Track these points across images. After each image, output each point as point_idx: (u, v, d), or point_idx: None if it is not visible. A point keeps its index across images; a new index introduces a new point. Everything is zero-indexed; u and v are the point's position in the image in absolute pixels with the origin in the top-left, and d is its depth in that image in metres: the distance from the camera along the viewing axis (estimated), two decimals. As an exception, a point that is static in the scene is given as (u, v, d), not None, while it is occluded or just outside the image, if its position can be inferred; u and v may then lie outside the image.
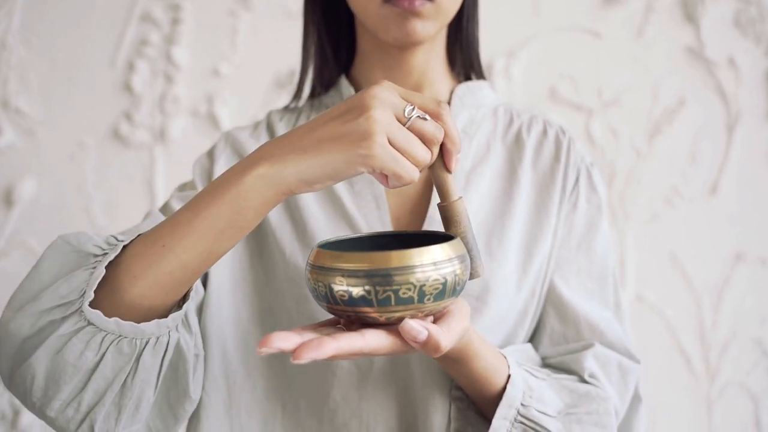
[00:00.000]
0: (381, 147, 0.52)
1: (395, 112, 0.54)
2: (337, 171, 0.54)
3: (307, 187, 0.55)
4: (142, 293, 0.57)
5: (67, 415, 0.59)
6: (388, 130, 0.53)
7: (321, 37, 0.83)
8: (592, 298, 0.77)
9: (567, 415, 0.68)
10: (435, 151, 0.56)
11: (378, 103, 0.53)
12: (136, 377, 0.59)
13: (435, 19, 0.73)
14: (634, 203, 1.36)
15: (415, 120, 0.55)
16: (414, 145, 0.54)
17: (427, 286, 0.52)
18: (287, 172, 0.54)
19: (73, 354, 0.56)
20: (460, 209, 0.59)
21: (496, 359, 0.66)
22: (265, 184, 0.54)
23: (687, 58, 1.36)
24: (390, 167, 0.53)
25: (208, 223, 0.55)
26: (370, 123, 0.52)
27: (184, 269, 0.57)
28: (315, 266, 0.55)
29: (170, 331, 0.60)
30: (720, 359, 1.35)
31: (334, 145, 0.53)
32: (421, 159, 0.55)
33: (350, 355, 0.52)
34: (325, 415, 0.72)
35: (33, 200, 1.32)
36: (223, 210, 0.55)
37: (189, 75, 1.35)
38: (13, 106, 1.32)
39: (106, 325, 0.56)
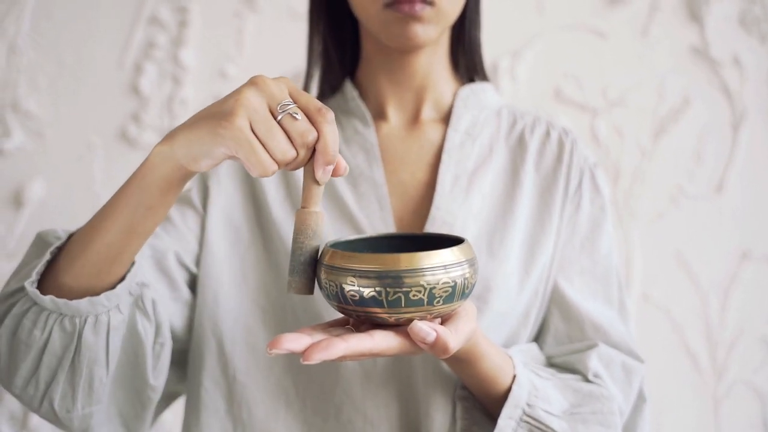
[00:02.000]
0: (238, 129, 0.52)
1: (270, 102, 0.53)
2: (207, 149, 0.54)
3: (195, 163, 0.55)
4: (77, 274, 0.60)
5: (29, 392, 0.63)
6: (252, 116, 0.52)
7: (326, 41, 0.83)
8: (596, 298, 0.78)
9: (572, 414, 0.68)
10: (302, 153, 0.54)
11: (253, 89, 0.53)
12: (81, 355, 0.62)
13: (436, 22, 0.73)
14: (640, 202, 1.36)
15: (286, 116, 0.53)
16: (276, 138, 0.53)
17: (437, 288, 0.53)
18: (176, 147, 0.55)
19: (24, 332, 0.61)
20: (308, 221, 0.57)
21: (502, 360, 0.66)
22: (162, 159, 0.56)
23: (692, 58, 1.36)
24: (244, 152, 0.52)
25: (124, 203, 0.58)
26: (235, 105, 0.52)
27: (109, 248, 0.60)
28: (327, 265, 0.55)
29: (110, 311, 0.62)
30: (727, 357, 1.35)
31: (205, 121, 0.54)
32: (280, 155, 0.53)
33: (359, 355, 0.53)
34: (330, 412, 0.73)
35: (42, 201, 1.33)
36: (133, 188, 0.58)
37: (196, 77, 1.36)
38: (22, 108, 1.33)
39: (44, 302, 0.59)
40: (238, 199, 0.79)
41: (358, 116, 0.81)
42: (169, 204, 0.60)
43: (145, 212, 0.58)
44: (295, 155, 0.54)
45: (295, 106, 0.54)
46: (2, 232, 1.33)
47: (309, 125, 0.54)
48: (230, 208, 0.79)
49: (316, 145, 0.55)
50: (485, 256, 0.74)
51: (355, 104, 0.81)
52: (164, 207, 0.59)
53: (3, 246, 1.33)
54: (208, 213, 0.78)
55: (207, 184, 0.80)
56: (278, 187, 0.79)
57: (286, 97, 0.54)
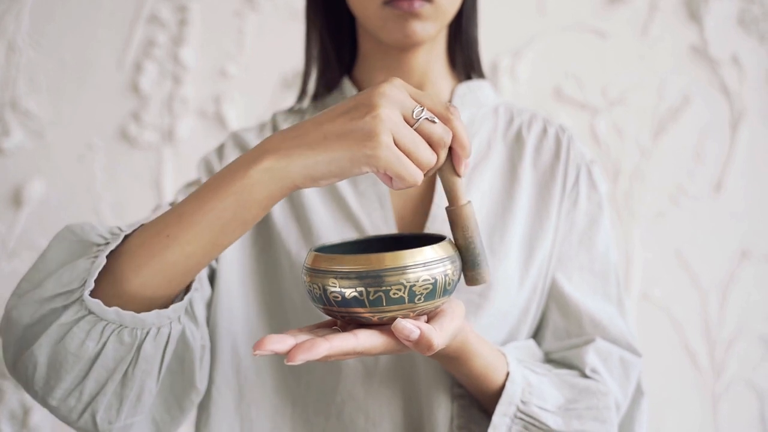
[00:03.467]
0: (386, 147, 0.51)
1: (403, 111, 0.53)
2: (341, 169, 0.53)
3: (312, 182, 0.54)
4: (145, 283, 0.57)
5: (69, 404, 0.60)
6: (394, 131, 0.52)
7: (323, 39, 0.83)
8: (594, 293, 0.78)
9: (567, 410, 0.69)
10: (442, 154, 0.55)
11: (386, 102, 0.52)
12: (137, 368, 0.59)
13: (434, 20, 0.73)
14: (640, 201, 1.36)
15: (423, 122, 0.54)
16: (420, 147, 0.53)
17: (417, 286, 0.53)
18: (293, 167, 0.53)
19: (74, 343, 0.57)
20: (467, 213, 0.58)
21: (494, 357, 0.66)
22: (271, 178, 0.54)
23: (691, 57, 1.36)
24: (394, 168, 0.52)
25: (213, 215, 0.55)
26: (376, 122, 0.51)
27: (188, 260, 0.57)
28: (310, 269, 0.56)
29: (172, 322, 0.60)
30: (726, 355, 1.36)
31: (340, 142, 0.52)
32: (426, 162, 0.54)
33: (343, 355, 0.53)
34: (332, 411, 0.73)
35: (42, 201, 1.33)
36: (228, 202, 0.55)
37: (196, 76, 1.36)
38: (22, 107, 1.33)
39: (107, 314, 0.56)
40: None
41: None
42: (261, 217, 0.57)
43: (237, 227, 0.56)
44: (437, 159, 0.55)
45: (428, 111, 0.54)
46: (2, 232, 1.33)
47: (445, 127, 0.54)
48: None
49: (453, 143, 0.55)
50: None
51: None
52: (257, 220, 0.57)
53: (2, 245, 1.32)
54: None
55: None
56: None
57: (415, 104, 0.54)
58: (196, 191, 0.57)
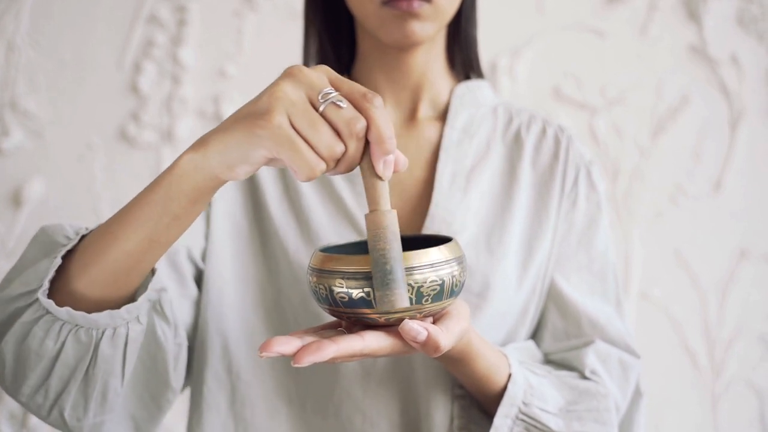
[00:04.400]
0: (277, 127, 0.47)
1: (309, 93, 0.49)
2: (245, 153, 0.49)
3: (230, 172, 0.51)
4: (92, 282, 0.57)
5: (37, 401, 0.60)
6: (291, 110, 0.48)
7: (321, 38, 0.83)
8: (593, 294, 0.78)
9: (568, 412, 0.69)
10: (351, 145, 0.50)
11: (288, 81, 0.49)
12: (97, 367, 0.59)
13: (433, 20, 0.73)
14: (639, 201, 1.36)
15: (329, 105, 0.49)
16: (320, 131, 0.48)
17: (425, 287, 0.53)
18: (210, 155, 0.51)
19: (35, 342, 0.57)
20: (384, 223, 0.51)
21: (497, 358, 0.66)
22: (194, 168, 0.51)
23: (690, 56, 1.36)
24: (286, 152, 0.48)
25: (148, 210, 0.54)
26: (271, 99, 0.48)
27: (129, 257, 0.55)
28: (316, 269, 0.55)
29: (129, 323, 0.59)
30: (725, 355, 1.36)
31: (240, 123, 0.49)
32: (327, 150, 0.49)
33: (350, 357, 0.52)
34: (330, 410, 0.73)
35: (42, 201, 1.33)
36: (159, 196, 0.53)
37: (195, 76, 1.36)
38: (21, 107, 1.33)
39: (59, 314, 0.56)
40: (239, 193, 0.79)
41: None
42: (197, 213, 0.55)
43: (170, 222, 0.54)
44: (344, 149, 0.50)
45: (338, 94, 0.49)
46: (2, 232, 1.33)
47: (355, 112, 0.49)
48: (232, 203, 0.78)
49: (369, 135, 0.50)
50: (484, 253, 0.74)
51: None
52: (192, 217, 0.55)
53: (2, 245, 1.33)
54: (213, 207, 0.77)
55: None
56: (275, 184, 0.78)
57: (327, 85, 0.50)
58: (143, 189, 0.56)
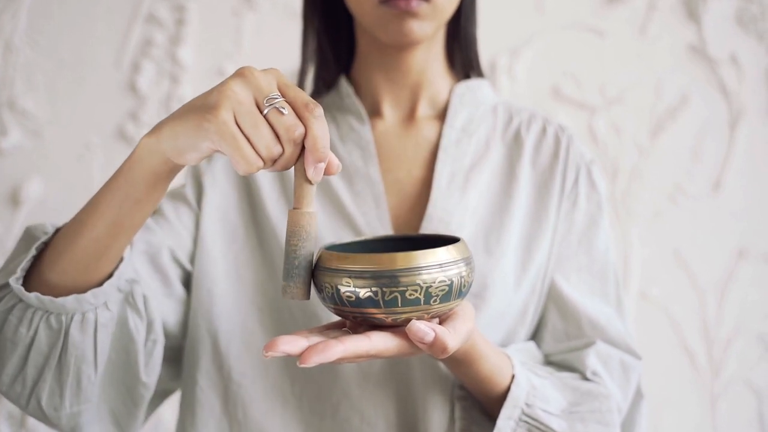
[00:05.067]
0: (222, 123, 0.50)
1: (256, 94, 0.52)
2: (192, 142, 0.52)
3: (181, 156, 0.54)
4: (64, 270, 0.59)
5: (16, 390, 0.63)
6: (237, 109, 0.51)
7: (320, 37, 0.83)
8: (593, 294, 0.78)
9: (570, 413, 0.68)
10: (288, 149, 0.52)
11: (239, 81, 0.52)
12: (68, 354, 0.61)
13: (432, 19, 0.73)
14: (638, 201, 1.36)
15: (271, 110, 0.52)
16: (261, 133, 0.51)
17: (434, 287, 0.53)
18: (162, 140, 0.54)
19: (10, 330, 0.60)
20: (302, 222, 0.54)
21: (500, 360, 0.66)
22: (149, 152, 0.55)
23: (689, 56, 1.36)
24: (228, 146, 0.51)
25: (110, 197, 0.58)
26: (220, 96, 0.51)
27: (97, 243, 0.59)
28: (323, 268, 0.55)
29: (97, 309, 0.61)
30: (724, 355, 1.36)
31: (191, 114, 0.52)
32: (265, 151, 0.52)
33: (357, 357, 0.52)
34: (327, 411, 0.73)
35: (40, 200, 1.33)
36: (120, 182, 0.57)
37: (194, 75, 1.36)
38: (19, 107, 1.33)
39: (30, 300, 0.59)
40: (233, 196, 0.79)
41: (354, 113, 0.80)
42: (158, 198, 0.59)
43: (132, 206, 0.58)
44: (281, 151, 0.52)
45: (283, 100, 0.52)
46: (0, 232, 1.32)
47: (296, 120, 0.52)
48: (225, 206, 0.78)
49: (305, 142, 0.52)
50: (482, 253, 0.74)
51: (350, 101, 0.80)
52: (152, 201, 0.58)
53: (1, 245, 1.32)
54: (203, 210, 0.78)
55: (201, 181, 0.79)
56: (273, 184, 0.79)
57: (274, 90, 0.52)
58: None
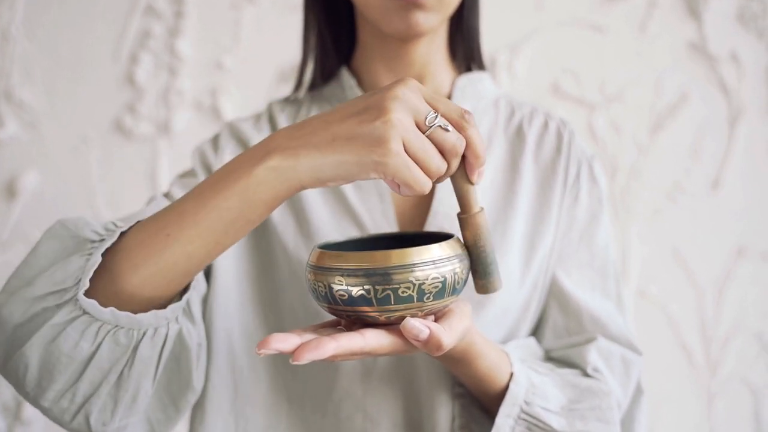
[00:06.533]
0: (395, 155, 0.49)
1: (416, 116, 0.51)
2: (349, 173, 0.51)
3: (319, 183, 0.52)
4: (143, 282, 0.55)
5: (62, 405, 0.58)
6: (405, 137, 0.50)
7: (321, 27, 0.81)
8: (594, 290, 0.77)
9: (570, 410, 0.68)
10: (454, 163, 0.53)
11: (398, 106, 0.50)
12: (133, 369, 0.58)
13: (437, 10, 0.72)
14: (637, 198, 1.36)
15: (436, 129, 0.51)
16: (431, 155, 0.51)
17: (427, 284, 0.52)
18: (300, 167, 0.51)
19: (68, 344, 0.54)
20: (480, 222, 0.56)
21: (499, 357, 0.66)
22: (277, 177, 0.52)
23: (689, 54, 1.36)
24: (402, 176, 0.50)
25: (217, 214, 0.53)
26: (387, 128, 0.49)
27: (189, 260, 0.55)
28: (315, 266, 0.54)
29: (169, 323, 0.58)
30: (721, 353, 1.36)
31: (349, 146, 0.50)
32: (436, 171, 0.52)
33: (350, 355, 0.52)
34: (329, 409, 0.72)
35: (36, 192, 1.32)
36: (232, 201, 0.53)
37: (193, 68, 1.35)
38: (16, 98, 1.32)
39: (102, 315, 0.54)
40: None
41: None
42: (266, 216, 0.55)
43: (243, 226, 0.54)
44: (447, 167, 0.53)
45: (442, 118, 0.52)
46: (-4, 223, 1.32)
47: (459, 135, 0.52)
48: None
49: (466, 151, 0.53)
50: None
51: (352, 93, 0.79)
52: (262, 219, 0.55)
53: (-4, 237, 1.32)
54: None
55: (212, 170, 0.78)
56: None
57: (429, 109, 0.52)
58: (198, 188, 0.55)
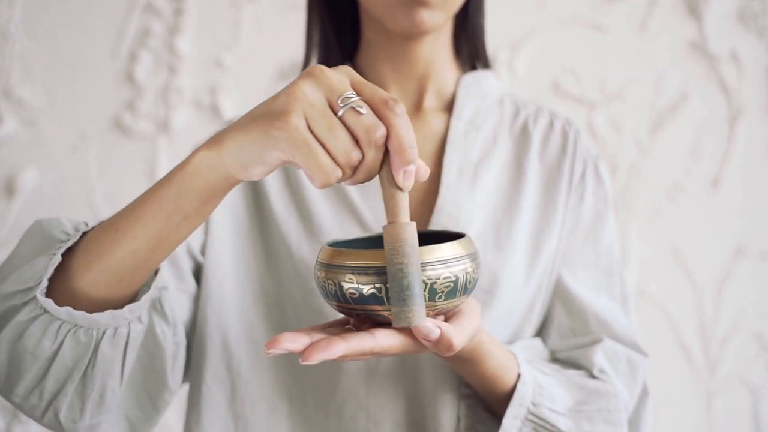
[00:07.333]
0: (294, 129, 0.46)
1: (328, 95, 0.47)
2: (259, 154, 0.48)
3: (245, 172, 0.50)
4: (95, 281, 0.55)
5: (31, 402, 0.58)
6: (309, 113, 0.46)
7: (324, 24, 0.81)
8: (599, 290, 0.77)
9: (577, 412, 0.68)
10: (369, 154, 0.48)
11: (310, 80, 0.47)
12: (96, 368, 0.57)
13: (442, 8, 0.71)
14: (637, 197, 1.36)
15: (348, 110, 0.47)
16: (338, 137, 0.46)
17: (439, 283, 0.51)
18: (224, 153, 0.49)
19: (31, 342, 0.55)
20: (400, 235, 0.49)
21: (506, 358, 0.65)
22: (207, 166, 0.50)
23: (690, 53, 1.36)
24: (301, 155, 0.46)
25: (157, 207, 0.52)
26: (289, 99, 0.46)
27: (135, 256, 0.54)
28: (324, 264, 0.53)
29: (130, 323, 0.57)
30: (720, 352, 1.36)
31: (257, 122, 0.48)
32: (343, 157, 0.47)
33: (360, 355, 0.51)
34: (332, 409, 0.72)
35: (35, 190, 1.32)
36: (169, 193, 0.52)
37: (192, 66, 1.35)
38: (15, 96, 1.32)
39: (59, 313, 0.54)
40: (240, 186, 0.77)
41: None
42: (208, 213, 0.54)
43: (181, 221, 0.53)
44: (361, 156, 0.48)
45: (359, 99, 0.47)
46: (-6, 221, 1.32)
47: (375, 120, 0.47)
48: (233, 196, 0.76)
49: (389, 144, 0.48)
50: (492, 249, 0.73)
51: None
52: (203, 215, 0.53)
53: (-5, 235, 1.32)
54: None
55: None
56: (277, 173, 0.76)
57: (349, 89, 0.48)
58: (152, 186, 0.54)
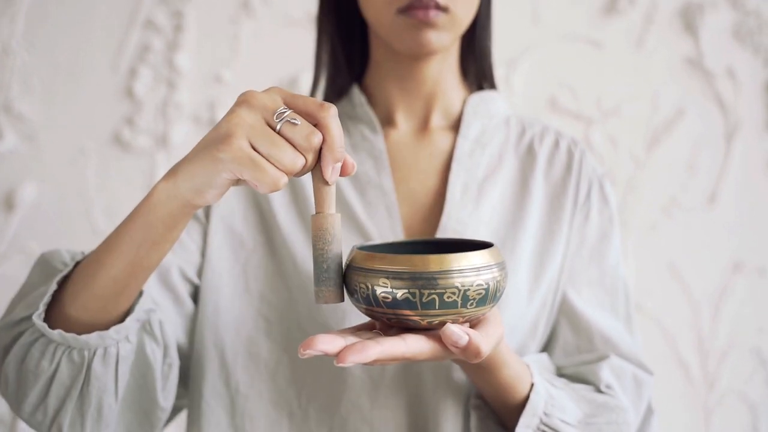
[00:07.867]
0: (238, 150, 0.50)
1: (265, 115, 0.52)
2: (209, 178, 0.52)
3: (200, 197, 0.54)
4: (83, 307, 0.60)
5: (37, 418, 0.63)
6: (251, 134, 0.51)
7: (334, 45, 0.82)
8: (603, 309, 0.78)
9: (587, 425, 0.68)
10: (310, 157, 0.53)
11: (245, 107, 0.52)
12: (90, 385, 0.62)
13: (449, 29, 0.73)
14: (633, 213, 1.36)
15: (284, 124, 0.52)
16: (280, 149, 0.51)
17: (471, 290, 0.53)
18: (179, 184, 0.54)
19: (32, 362, 0.60)
20: (325, 225, 0.54)
21: (520, 367, 0.66)
22: (167, 197, 0.55)
23: (686, 69, 1.37)
24: (249, 172, 0.51)
25: (128, 238, 0.57)
26: (230, 126, 0.51)
27: (115, 283, 0.59)
28: (358, 268, 0.55)
29: (119, 343, 0.62)
30: (718, 368, 1.36)
31: (205, 150, 0.52)
32: (289, 165, 0.52)
33: (392, 359, 0.52)
34: (336, 422, 0.72)
35: (34, 205, 1.32)
36: (138, 224, 0.57)
37: (191, 81, 1.35)
38: (15, 110, 1.32)
39: (53, 336, 0.59)
40: (239, 206, 0.78)
41: (366, 122, 0.79)
42: (176, 237, 0.58)
43: (150, 248, 0.57)
44: (305, 162, 0.52)
45: (292, 112, 0.52)
46: (-7, 235, 1.32)
47: (311, 127, 0.52)
48: (231, 216, 0.77)
49: (323, 144, 0.53)
50: None
51: (363, 110, 0.80)
52: (170, 241, 0.58)
53: (-6, 249, 1.32)
54: (210, 221, 0.77)
55: None
56: (283, 191, 0.78)
57: (281, 105, 0.52)
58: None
